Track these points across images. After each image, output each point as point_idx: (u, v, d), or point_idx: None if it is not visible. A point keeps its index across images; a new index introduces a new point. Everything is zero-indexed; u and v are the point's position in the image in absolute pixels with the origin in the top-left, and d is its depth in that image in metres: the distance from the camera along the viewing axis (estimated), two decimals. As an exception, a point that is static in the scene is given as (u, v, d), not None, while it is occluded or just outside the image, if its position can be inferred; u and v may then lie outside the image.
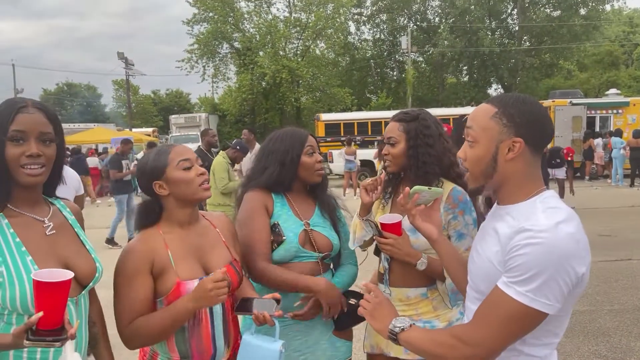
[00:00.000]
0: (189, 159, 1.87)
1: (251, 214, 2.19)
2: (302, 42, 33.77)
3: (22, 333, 1.35)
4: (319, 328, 2.24)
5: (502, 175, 1.45)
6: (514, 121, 1.41)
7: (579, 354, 4.22)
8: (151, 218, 1.90)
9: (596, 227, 9.36)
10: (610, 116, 19.05)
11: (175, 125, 28.52)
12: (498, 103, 1.45)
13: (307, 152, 2.25)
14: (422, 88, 38.05)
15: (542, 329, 1.39)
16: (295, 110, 33.42)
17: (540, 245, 1.30)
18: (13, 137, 1.54)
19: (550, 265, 1.29)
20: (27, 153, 1.55)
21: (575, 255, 1.31)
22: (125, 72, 33.56)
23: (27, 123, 1.56)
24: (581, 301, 5.50)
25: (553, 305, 1.31)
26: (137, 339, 1.80)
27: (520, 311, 1.32)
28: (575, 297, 1.42)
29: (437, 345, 1.45)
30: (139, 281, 1.78)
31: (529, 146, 1.41)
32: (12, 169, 1.55)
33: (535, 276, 1.30)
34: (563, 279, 1.30)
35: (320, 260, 2.24)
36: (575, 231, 1.34)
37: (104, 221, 12.22)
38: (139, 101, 45.51)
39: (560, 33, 33.88)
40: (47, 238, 1.63)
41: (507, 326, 1.34)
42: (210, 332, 1.84)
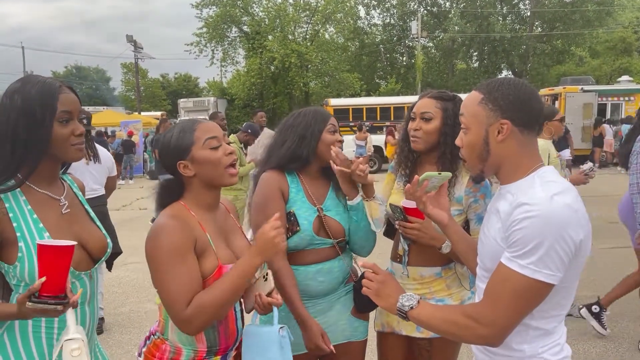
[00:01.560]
0: (216, 137, 1.73)
1: (267, 200, 2.17)
2: (312, 27, 33.58)
3: (25, 299, 1.39)
4: (337, 308, 2.26)
5: (497, 157, 1.51)
6: (499, 104, 1.48)
7: (585, 338, 4.26)
8: (173, 198, 1.78)
9: (606, 214, 9.35)
10: (621, 103, 18.89)
11: (184, 109, 28.53)
12: (484, 89, 1.52)
13: (328, 130, 2.22)
14: (432, 74, 37.79)
15: (549, 302, 1.43)
16: (304, 95, 33.34)
17: (537, 218, 1.34)
18: (61, 118, 1.60)
19: (548, 235, 1.33)
20: (77, 132, 1.63)
21: (571, 222, 1.35)
22: (134, 56, 33.53)
23: (71, 104, 1.63)
24: (590, 286, 5.53)
25: (555, 275, 1.36)
26: (201, 317, 1.59)
27: (526, 284, 1.36)
28: (579, 267, 1.45)
29: (450, 325, 1.48)
30: (190, 256, 1.63)
31: (517, 126, 1.47)
32: (60, 147, 1.62)
33: (535, 248, 1.34)
34: (562, 247, 1.34)
35: (337, 245, 2.24)
36: (571, 201, 1.38)
37: (117, 203, 12.37)
38: (147, 85, 45.51)
39: (572, 19, 33.45)
40: (63, 215, 1.68)
41: (516, 301, 1.38)
42: (234, 316, 1.82)
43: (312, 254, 2.19)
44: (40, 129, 1.58)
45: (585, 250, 1.42)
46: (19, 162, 1.58)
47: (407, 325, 2.26)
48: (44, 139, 1.59)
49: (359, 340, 2.32)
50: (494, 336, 1.42)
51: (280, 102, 33.17)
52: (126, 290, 5.89)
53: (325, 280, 2.21)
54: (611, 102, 18.94)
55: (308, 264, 2.19)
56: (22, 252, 1.56)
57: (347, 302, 2.29)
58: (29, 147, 1.58)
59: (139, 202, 12.90)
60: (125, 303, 5.44)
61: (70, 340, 1.53)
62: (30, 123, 1.57)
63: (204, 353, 1.76)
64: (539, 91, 12.29)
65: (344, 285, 2.30)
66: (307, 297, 2.19)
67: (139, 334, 4.55)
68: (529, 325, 1.46)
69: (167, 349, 1.75)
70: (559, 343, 1.51)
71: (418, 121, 2.22)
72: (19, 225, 1.57)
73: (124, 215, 10.63)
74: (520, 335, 1.47)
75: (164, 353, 1.75)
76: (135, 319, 4.91)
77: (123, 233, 4.85)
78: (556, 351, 1.50)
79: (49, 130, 1.59)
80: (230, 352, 1.85)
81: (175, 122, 9.33)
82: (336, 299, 2.26)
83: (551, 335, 1.50)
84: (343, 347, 2.27)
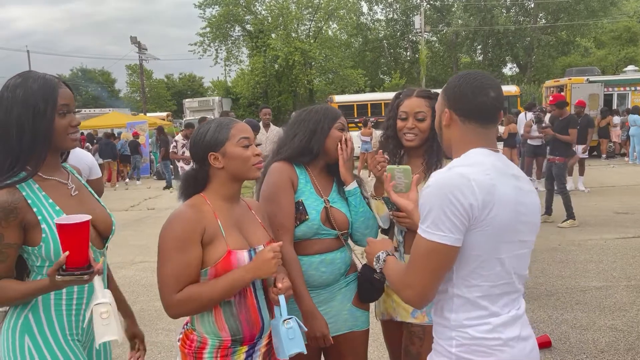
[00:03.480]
0: (248, 138, 1.90)
1: (278, 190, 2.24)
2: (314, 24, 33.58)
3: (54, 272, 1.53)
4: (338, 298, 2.32)
5: (446, 140, 1.73)
6: (447, 96, 1.69)
7: (594, 328, 4.27)
8: (197, 187, 1.92)
9: (613, 204, 9.36)
10: (628, 93, 18.74)
11: (189, 109, 28.64)
12: (449, 80, 1.74)
13: (338, 127, 2.31)
14: (436, 68, 37.70)
15: (465, 268, 1.55)
16: (308, 93, 33.36)
17: (431, 186, 1.54)
18: (61, 110, 1.75)
19: (437, 199, 1.50)
20: (73, 123, 1.79)
21: (458, 186, 1.49)
22: (139, 57, 33.66)
23: (69, 98, 1.79)
24: (597, 277, 5.53)
25: (448, 236, 1.49)
26: (185, 307, 1.77)
27: (428, 247, 1.51)
28: (491, 238, 1.52)
29: (393, 284, 1.68)
30: (191, 248, 1.77)
31: (459, 116, 1.65)
32: (59, 137, 1.76)
33: (429, 213, 1.51)
34: (449, 208, 1.48)
35: (341, 236, 2.32)
36: (468, 172, 1.52)
37: (125, 203, 12.43)
38: (152, 86, 45.69)
39: (577, 9, 33.24)
40: (74, 198, 1.83)
41: (425, 263, 1.53)
42: (256, 304, 1.87)
43: (317, 244, 2.26)
44: (44, 120, 1.70)
45: (490, 220, 1.50)
46: (28, 153, 1.70)
47: (402, 311, 2.33)
48: (48, 129, 1.72)
49: (361, 329, 2.37)
50: (413, 297, 1.57)
51: (285, 100, 33.22)
52: (136, 289, 5.94)
53: (327, 270, 2.27)
54: (617, 92, 18.80)
55: (312, 254, 2.26)
56: (46, 232, 1.69)
57: (348, 292, 2.34)
58: (36, 138, 1.70)
59: (147, 202, 12.97)
60: (136, 302, 5.48)
61: (99, 304, 1.67)
62: (34, 115, 1.69)
63: (229, 342, 1.84)
64: (544, 83, 12.21)
65: (345, 276, 2.35)
66: (310, 288, 2.24)
67: (150, 332, 4.60)
68: (452, 293, 1.58)
69: (194, 339, 1.86)
70: (489, 323, 1.55)
71: (412, 121, 2.31)
72: (39, 210, 1.69)
73: (132, 216, 10.68)
74: (447, 303, 1.60)
75: (192, 342, 1.86)
76: (146, 317, 4.95)
77: (131, 233, 4.89)
78: (486, 329, 1.54)
79: (51, 122, 1.72)
80: (259, 342, 1.91)
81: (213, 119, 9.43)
82: (338, 289, 2.32)
83: (478, 308, 1.55)
84: (346, 336, 2.32)
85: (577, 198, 8.35)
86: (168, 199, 12.96)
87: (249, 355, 1.88)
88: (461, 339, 1.57)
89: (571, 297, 4.98)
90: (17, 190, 1.67)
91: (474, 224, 1.50)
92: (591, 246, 6.70)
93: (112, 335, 1.69)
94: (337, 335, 2.29)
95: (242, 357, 1.86)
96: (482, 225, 1.50)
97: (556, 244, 6.76)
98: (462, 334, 1.57)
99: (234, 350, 1.85)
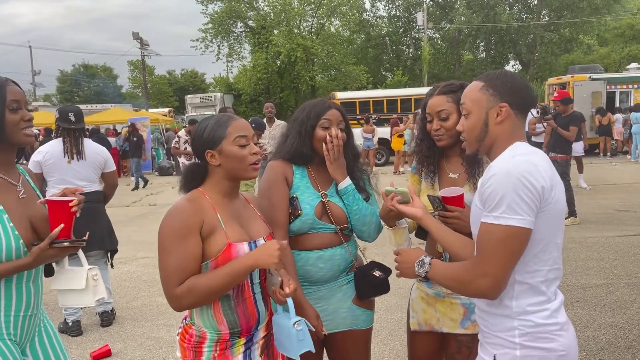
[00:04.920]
0: (246, 136, 1.87)
1: (271, 185, 2.24)
2: (317, 20, 33.51)
3: (46, 245, 1.75)
4: (338, 296, 2.29)
5: (492, 137, 1.69)
6: (499, 90, 1.67)
7: (595, 325, 4.27)
8: (197, 181, 1.92)
9: (615, 202, 9.36)
10: (630, 91, 18.69)
11: (191, 105, 28.64)
12: (484, 78, 1.72)
13: (322, 125, 2.23)
14: (439, 65, 37.60)
15: (528, 254, 1.56)
16: (310, 89, 33.32)
17: (498, 174, 1.54)
18: (11, 106, 1.83)
19: (509, 184, 1.51)
20: (25, 118, 1.86)
21: (529, 171, 1.52)
22: (141, 53, 33.66)
23: (18, 94, 1.87)
24: (598, 274, 5.53)
25: (525, 219, 1.50)
26: (188, 299, 1.74)
27: (504, 232, 1.51)
28: (554, 221, 1.57)
29: (455, 282, 1.65)
30: (191, 239, 1.76)
31: (513, 109, 1.66)
32: (11, 132, 1.83)
33: (502, 199, 1.51)
34: (524, 192, 1.50)
35: (340, 232, 2.27)
36: (532, 159, 1.56)
37: (127, 199, 12.45)
38: (154, 82, 45.67)
39: (580, 7, 33.11)
40: (20, 200, 1.88)
41: (501, 249, 1.52)
42: (252, 297, 1.89)
43: (315, 238, 2.23)
44: None
45: (554, 204, 1.55)
46: None
47: (449, 321, 2.24)
48: None
49: (362, 328, 2.34)
50: (489, 287, 1.54)
51: (287, 97, 33.18)
52: (138, 284, 5.96)
53: (325, 267, 2.24)
54: (620, 90, 18.75)
55: (310, 249, 2.23)
56: None
57: (349, 290, 2.31)
58: None
59: (149, 198, 13.00)
60: (137, 297, 5.51)
61: (91, 269, 2.03)
62: None
63: (227, 335, 1.86)
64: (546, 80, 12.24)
65: (345, 274, 2.31)
66: (308, 283, 2.23)
67: (151, 327, 4.62)
68: (512, 279, 1.58)
69: (193, 333, 1.87)
70: (548, 308, 1.59)
71: (436, 121, 2.21)
72: None
73: (133, 212, 10.72)
74: (507, 291, 1.58)
75: (191, 337, 1.87)
76: (148, 313, 4.97)
77: (133, 229, 4.90)
78: (546, 315, 1.58)
79: (2, 117, 1.80)
80: (257, 335, 1.93)
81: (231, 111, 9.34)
82: (338, 286, 2.29)
83: (538, 294, 1.59)
84: (345, 334, 2.30)
85: (578, 196, 8.35)
86: (170, 194, 12.97)
87: (247, 347, 1.89)
88: (525, 328, 1.57)
89: (572, 294, 4.98)
90: None
91: (542, 206, 1.53)
92: (592, 244, 6.70)
93: (102, 293, 2.06)
94: (336, 333, 2.28)
95: (240, 349, 1.88)
96: (547, 208, 1.54)
97: (557, 242, 6.73)
98: (525, 322, 1.58)
99: (233, 343, 1.87)
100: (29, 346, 1.93)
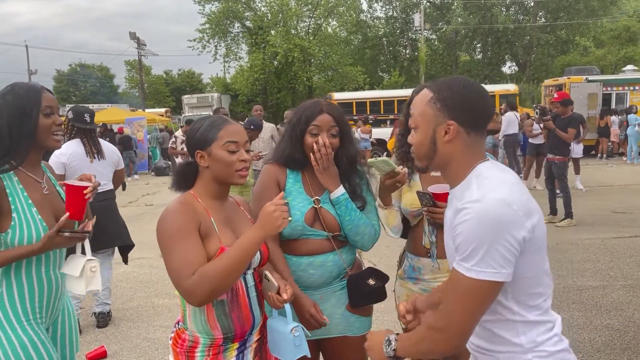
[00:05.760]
0: (237, 142, 1.84)
1: (262, 190, 2.22)
2: (314, 21, 33.51)
3: (55, 232, 1.89)
4: (331, 301, 2.24)
5: (443, 157, 1.50)
6: (447, 105, 1.46)
7: (590, 327, 4.27)
8: (188, 180, 1.91)
9: (611, 204, 9.38)
10: (626, 93, 18.75)
11: (188, 106, 28.60)
12: (434, 88, 1.51)
13: (310, 132, 2.17)
14: (435, 66, 37.66)
15: (521, 294, 1.45)
16: (307, 90, 33.30)
17: (471, 220, 1.36)
18: (45, 111, 2.00)
19: (485, 235, 1.34)
20: (57, 122, 2.04)
21: (504, 217, 1.35)
22: (138, 53, 33.59)
23: (52, 100, 2.05)
24: (594, 276, 5.54)
25: (500, 273, 1.36)
26: (202, 287, 1.67)
27: (473, 286, 1.37)
28: (538, 258, 1.45)
29: (421, 343, 1.50)
30: (193, 234, 1.75)
31: (464, 127, 1.46)
32: (43, 135, 2.01)
33: (475, 250, 1.35)
34: (503, 245, 1.34)
35: (332, 238, 2.22)
36: (504, 196, 1.37)
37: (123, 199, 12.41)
38: (151, 82, 45.55)
39: (576, 8, 33.23)
40: (45, 195, 2.06)
41: (466, 303, 1.39)
42: (248, 302, 1.87)
43: (305, 244, 2.18)
44: (30, 119, 1.96)
45: (536, 241, 1.42)
46: (14, 149, 1.95)
47: None
48: (33, 127, 1.97)
49: (355, 335, 2.27)
50: (451, 340, 1.42)
51: (284, 97, 33.17)
52: (134, 285, 5.94)
53: (315, 273, 2.20)
54: (616, 91, 18.80)
55: (301, 254, 2.19)
56: (15, 221, 1.92)
57: (342, 296, 2.26)
58: (22, 135, 1.96)
59: (145, 198, 12.97)
60: (133, 298, 5.49)
61: (90, 260, 2.16)
62: (21, 116, 1.95)
63: (221, 340, 1.84)
64: (543, 82, 12.20)
65: (339, 280, 2.26)
66: (301, 288, 2.19)
67: (147, 328, 4.60)
68: (514, 320, 1.47)
69: (186, 338, 1.86)
70: (556, 334, 1.51)
71: None
72: (13, 200, 1.94)
73: (130, 212, 10.67)
74: (510, 331, 1.48)
75: (184, 341, 1.86)
76: (144, 314, 4.95)
77: (129, 229, 4.87)
78: (556, 341, 1.51)
79: (36, 120, 1.98)
80: (250, 338, 1.91)
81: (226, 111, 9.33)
82: (331, 292, 2.24)
83: (542, 324, 1.50)
84: (338, 340, 2.26)
85: (574, 197, 8.36)
86: (166, 195, 12.92)
87: (240, 352, 1.88)
88: (538, 357, 1.47)
89: (568, 296, 4.99)
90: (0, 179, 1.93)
91: (524, 249, 1.40)
92: (588, 245, 6.71)
93: (96, 286, 2.19)
94: (330, 338, 2.25)
95: (233, 354, 1.86)
96: (530, 245, 1.40)
97: (553, 243, 6.74)
98: (538, 352, 1.47)
99: (226, 348, 1.85)
100: (52, 323, 2.11)
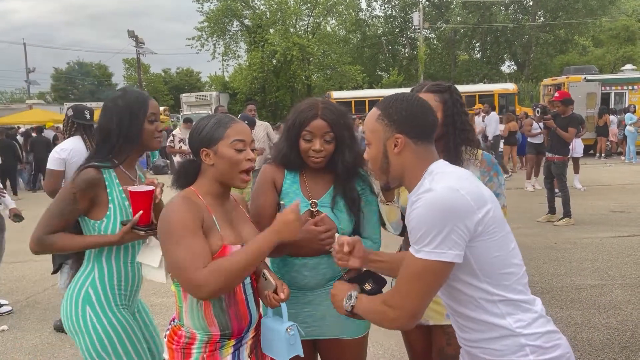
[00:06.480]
0: (244, 141, 1.85)
1: (259, 190, 2.21)
2: (313, 19, 33.50)
3: (129, 228, 2.08)
4: (326, 303, 2.13)
5: (396, 168, 1.62)
6: (393, 120, 1.60)
7: (589, 326, 4.28)
8: (189, 178, 1.91)
9: (609, 203, 9.39)
10: (625, 92, 18.79)
11: (186, 104, 28.55)
12: (381, 105, 1.65)
13: (304, 137, 2.12)
14: (434, 65, 37.68)
15: (487, 272, 1.52)
16: (306, 88, 33.30)
17: (422, 206, 1.47)
18: (150, 118, 2.22)
19: (433, 218, 1.44)
20: (159, 128, 2.29)
21: (451, 201, 1.44)
22: (136, 51, 33.55)
23: (156, 108, 2.27)
24: (592, 275, 5.55)
25: (447, 253, 1.44)
26: (219, 278, 1.65)
27: (422, 266, 1.46)
28: (499, 238, 1.52)
29: (374, 313, 1.62)
30: (200, 230, 1.74)
31: (410, 138, 1.59)
32: (147, 138, 2.24)
33: (425, 233, 1.45)
34: (451, 228, 1.43)
35: None
36: (453, 183, 1.48)
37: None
38: (149, 80, 45.51)
39: (575, 8, 33.25)
40: None
41: (418, 283, 1.48)
42: (244, 299, 1.87)
43: (299, 246, 2.08)
44: (137, 123, 2.19)
45: (491, 222, 1.49)
46: (119, 149, 2.19)
47: (434, 314, 2.24)
48: (139, 131, 2.20)
49: (350, 338, 2.24)
50: (402, 318, 1.52)
51: (283, 96, 33.14)
52: (132, 284, 5.93)
53: (309, 275, 2.17)
54: (615, 91, 18.84)
55: (294, 256, 2.16)
56: (111, 212, 2.16)
57: None
58: (129, 136, 2.18)
59: (143, 197, 12.92)
60: (131, 296, 5.48)
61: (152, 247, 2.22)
62: (131, 118, 2.17)
63: (218, 337, 1.83)
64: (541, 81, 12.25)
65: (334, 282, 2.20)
66: (296, 288, 2.17)
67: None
68: (492, 300, 1.53)
69: (182, 334, 1.85)
70: (542, 315, 1.58)
71: None
72: (110, 192, 2.17)
73: (128, 210, 10.67)
74: (496, 310, 1.54)
75: (180, 338, 1.85)
76: (142, 312, 4.95)
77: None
78: (543, 322, 1.56)
79: (142, 125, 2.21)
80: (246, 336, 1.91)
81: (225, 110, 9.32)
82: (326, 294, 2.15)
83: (525, 303, 1.56)
84: (332, 342, 2.23)
85: (573, 196, 8.36)
86: (165, 193, 12.91)
87: (236, 348, 1.88)
88: (533, 341, 1.52)
89: (566, 295, 4.99)
90: (101, 172, 2.15)
91: (479, 231, 1.47)
92: (587, 244, 6.72)
93: None
94: (325, 340, 2.23)
95: (229, 350, 1.86)
96: (485, 229, 1.48)
97: (552, 242, 6.75)
98: (531, 335, 1.52)
99: (222, 345, 1.85)
100: (131, 314, 2.26)
